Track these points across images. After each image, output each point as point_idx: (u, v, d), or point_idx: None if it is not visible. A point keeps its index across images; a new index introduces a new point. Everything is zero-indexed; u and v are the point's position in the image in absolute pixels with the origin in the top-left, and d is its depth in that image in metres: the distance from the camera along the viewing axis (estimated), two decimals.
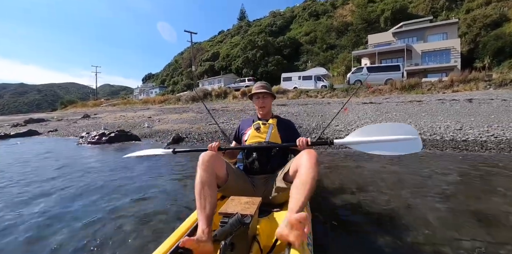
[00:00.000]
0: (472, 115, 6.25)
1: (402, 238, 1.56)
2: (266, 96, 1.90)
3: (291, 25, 42.92)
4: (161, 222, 1.88)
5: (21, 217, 2.08)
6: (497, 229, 1.62)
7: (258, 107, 1.93)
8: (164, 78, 57.00)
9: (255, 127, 1.82)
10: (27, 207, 2.29)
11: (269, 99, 1.93)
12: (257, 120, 1.93)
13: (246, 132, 1.89)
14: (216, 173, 1.41)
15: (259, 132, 1.78)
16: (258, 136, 1.77)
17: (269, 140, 1.74)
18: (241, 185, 1.58)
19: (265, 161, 1.67)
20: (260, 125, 1.81)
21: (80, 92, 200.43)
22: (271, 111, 2.01)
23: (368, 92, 15.80)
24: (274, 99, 2.00)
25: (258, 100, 1.90)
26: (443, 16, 25.74)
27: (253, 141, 1.77)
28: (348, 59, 25.82)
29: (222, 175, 1.46)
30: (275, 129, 1.81)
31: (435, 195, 2.20)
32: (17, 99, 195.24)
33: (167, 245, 1.09)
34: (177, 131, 7.09)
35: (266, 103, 1.90)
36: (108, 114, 16.58)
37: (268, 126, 1.81)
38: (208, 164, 1.38)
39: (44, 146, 6.51)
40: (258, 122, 1.85)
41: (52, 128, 10.44)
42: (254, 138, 1.78)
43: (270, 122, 1.84)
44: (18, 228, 1.90)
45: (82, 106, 36.49)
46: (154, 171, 3.39)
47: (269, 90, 1.90)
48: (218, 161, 1.46)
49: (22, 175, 3.45)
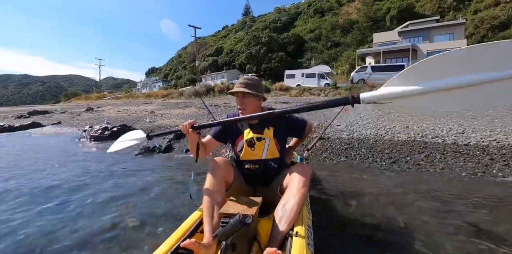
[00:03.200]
0: (475, 119, 6.22)
1: (402, 242, 1.58)
2: (248, 96, 1.52)
3: (296, 22, 42.59)
4: (161, 222, 1.90)
5: (22, 212, 2.12)
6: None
7: (238, 108, 1.56)
8: (167, 72, 56.93)
9: (248, 144, 1.54)
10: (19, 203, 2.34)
11: (251, 100, 1.52)
12: (247, 126, 1.58)
13: (238, 142, 1.60)
14: (225, 178, 1.41)
15: (253, 150, 1.53)
16: (253, 154, 1.54)
17: (265, 157, 1.54)
18: (244, 187, 1.59)
19: (262, 178, 1.59)
20: (254, 142, 1.53)
21: (84, 85, 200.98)
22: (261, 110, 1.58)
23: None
24: (262, 100, 1.60)
25: (237, 100, 1.55)
26: (450, 16, 25.48)
27: (247, 158, 1.57)
28: (352, 58, 25.67)
29: (230, 180, 1.46)
30: (273, 143, 1.54)
31: (437, 203, 2.21)
32: (21, 91, 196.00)
33: (167, 245, 1.10)
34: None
35: (247, 104, 1.52)
36: (111, 108, 16.62)
37: (263, 142, 1.53)
38: (218, 171, 1.38)
39: (46, 139, 6.58)
40: (251, 137, 1.54)
41: (56, 120, 10.51)
42: (248, 156, 1.56)
43: (265, 136, 1.53)
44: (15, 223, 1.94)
45: (85, 99, 36.53)
46: (156, 170, 3.42)
47: (251, 89, 1.50)
48: (228, 167, 1.45)
49: (21, 168, 3.51)
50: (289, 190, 1.29)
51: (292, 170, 1.39)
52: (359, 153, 3.99)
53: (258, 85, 1.55)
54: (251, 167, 1.55)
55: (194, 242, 1.01)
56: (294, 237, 1.11)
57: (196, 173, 2.31)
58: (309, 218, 1.38)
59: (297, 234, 1.12)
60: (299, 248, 1.03)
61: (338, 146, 4.34)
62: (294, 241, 1.08)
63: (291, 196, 1.26)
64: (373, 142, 4.64)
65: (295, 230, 1.16)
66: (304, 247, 1.04)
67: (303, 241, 1.08)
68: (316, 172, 3.14)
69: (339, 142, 4.59)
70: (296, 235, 1.12)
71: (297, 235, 1.12)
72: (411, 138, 4.71)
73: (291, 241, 1.09)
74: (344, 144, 4.41)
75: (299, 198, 1.24)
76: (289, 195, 1.27)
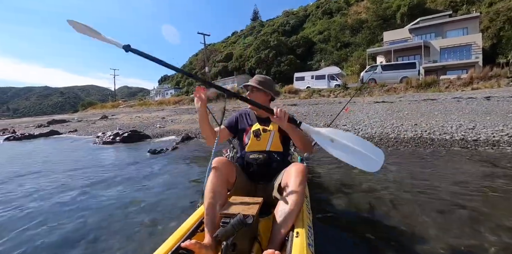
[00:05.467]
0: (488, 114, 6.00)
1: (403, 240, 1.58)
2: (256, 91, 1.67)
3: (305, 24, 42.50)
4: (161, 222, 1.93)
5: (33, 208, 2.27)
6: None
7: None
8: (179, 79, 58.11)
9: (255, 134, 1.65)
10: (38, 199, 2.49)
11: (259, 95, 1.67)
12: (256, 121, 1.72)
13: (246, 134, 1.71)
14: (227, 179, 1.42)
15: (259, 140, 1.63)
16: (258, 144, 1.64)
17: (269, 149, 1.62)
18: (246, 187, 1.58)
19: (265, 171, 1.61)
20: (261, 132, 1.64)
21: (100, 94, 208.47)
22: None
23: (382, 91, 15.42)
24: (271, 98, 1.75)
25: (247, 93, 1.72)
26: (464, 10, 24.64)
27: (252, 149, 1.64)
28: (362, 58, 25.27)
29: (232, 180, 1.47)
30: (277, 136, 1.64)
31: (439, 196, 2.18)
32: (42, 102, 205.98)
33: (168, 245, 1.08)
34: (187, 131, 7.29)
35: (255, 98, 1.63)
36: (125, 115, 17.18)
37: (269, 133, 1.64)
38: (221, 171, 1.38)
39: (62, 145, 6.93)
40: (258, 128, 1.66)
41: (72, 128, 11.00)
42: (254, 147, 1.64)
43: (271, 128, 1.65)
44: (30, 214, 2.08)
45: (101, 108, 37.97)
46: (162, 171, 3.54)
47: (261, 85, 1.66)
48: (230, 167, 1.46)
49: (41, 170, 3.73)
50: (287, 190, 1.30)
51: (288, 169, 1.41)
52: None
53: (269, 84, 1.70)
54: (256, 157, 1.59)
55: (194, 243, 1.01)
56: (295, 237, 1.10)
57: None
58: (309, 218, 1.37)
59: (298, 235, 1.11)
60: (299, 248, 1.02)
61: None
62: (294, 241, 1.07)
63: (289, 195, 1.27)
64: (377, 140, 4.57)
65: (295, 231, 1.15)
66: (304, 248, 1.03)
67: (303, 241, 1.07)
68: (316, 171, 3.14)
69: None
70: (296, 235, 1.11)
71: (298, 235, 1.11)
72: (418, 135, 4.61)
73: (292, 242, 1.08)
74: None
75: (297, 197, 1.25)
76: (287, 194, 1.28)
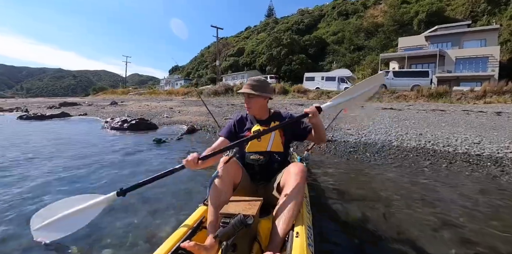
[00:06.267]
0: (496, 130, 5.96)
1: (403, 240, 1.62)
2: (253, 97, 1.63)
3: (319, 24, 42.08)
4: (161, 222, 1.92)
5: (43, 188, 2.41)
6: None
7: (245, 107, 1.69)
8: (189, 71, 58.34)
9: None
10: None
11: (256, 100, 1.64)
12: (255, 122, 1.70)
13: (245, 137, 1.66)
14: (233, 179, 1.43)
15: (259, 140, 1.61)
16: (259, 145, 1.62)
17: (270, 149, 1.61)
18: (248, 186, 1.59)
19: (266, 171, 1.62)
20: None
21: (111, 80, 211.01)
22: (268, 110, 1.75)
23: (392, 98, 15.31)
24: (268, 99, 1.72)
25: (245, 99, 1.67)
26: (483, 21, 24.09)
27: (253, 150, 1.62)
28: (375, 62, 25.00)
29: (237, 181, 1.47)
30: (278, 136, 1.63)
31: (435, 207, 2.22)
32: (54, 83, 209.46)
33: (168, 245, 1.08)
34: (193, 123, 7.41)
35: (252, 104, 1.64)
36: (134, 103, 17.42)
37: (269, 134, 1.61)
38: (229, 171, 1.38)
39: (70, 128, 7.19)
40: (258, 128, 1.64)
41: (82, 112, 11.26)
42: (254, 147, 1.62)
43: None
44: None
45: (111, 93, 38.48)
46: (164, 161, 3.65)
47: (255, 90, 1.60)
48: (237, 167, 1.46)
49: (50, 150, 3.90)
50: (286, 190, 1.32)
51: (287, 169, 1.43)
52: (362, 156, 4.01)
53: (264, 86, 1.64)
54: (256, 158, 1.58)
55: (193, 245, 1.02)
56: (295, 237, 1.10)
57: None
58: (309, 218, 1.38)
59: (298, 235, 1.11)
60: (299, 248, 1.02)
61: (343, 149, 4.37)
62: (294, 241, 1.07)
63: (288, 196, 1.28)
64: (380, 147, 4.61)
65: (295, 231, 1.15)
66: (304, 248, 1.03)
67: (303, 241, 1.07)
68: (316, 172, 3.22)
69: (344, 144, 4.62)
70: (296, 235, 1.11)
71: (298, 235, 1.11)
72: (421, 145, 4.63)
73: (292, 242, 1.08)
74: (349, 147, 4.43)
75: (297, 197, 1.27)
76: (287, 194, 1.29)
